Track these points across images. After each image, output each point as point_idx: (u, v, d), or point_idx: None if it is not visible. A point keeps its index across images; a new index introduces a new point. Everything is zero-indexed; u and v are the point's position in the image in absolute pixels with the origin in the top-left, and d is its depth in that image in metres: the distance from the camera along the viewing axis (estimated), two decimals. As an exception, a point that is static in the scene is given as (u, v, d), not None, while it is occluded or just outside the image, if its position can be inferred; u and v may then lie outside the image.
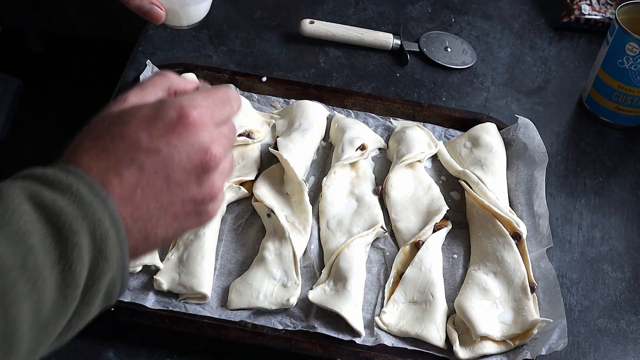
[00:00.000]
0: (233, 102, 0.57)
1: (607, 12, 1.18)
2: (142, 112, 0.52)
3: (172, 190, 0.51)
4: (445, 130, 1.00)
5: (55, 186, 0.47)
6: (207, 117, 0.53)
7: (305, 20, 1.13)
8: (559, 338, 0.75)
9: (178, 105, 0.52)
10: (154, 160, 0.50)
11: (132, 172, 0.50)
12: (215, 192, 0.55)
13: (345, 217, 0.87)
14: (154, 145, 0.50)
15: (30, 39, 2.21)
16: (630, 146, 1.04)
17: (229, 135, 0.56)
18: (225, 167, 0.56)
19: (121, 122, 0.52)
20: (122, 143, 0.50)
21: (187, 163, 0.52)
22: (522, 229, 0.85)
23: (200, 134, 0.52)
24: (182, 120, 0.51)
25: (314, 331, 0.76)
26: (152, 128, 0.51)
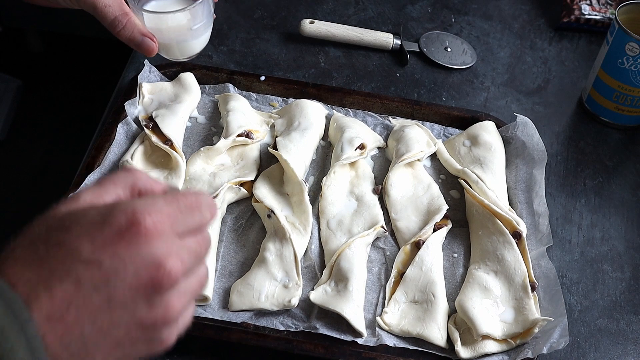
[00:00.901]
0: (204, 210, 0.49)
1: (607, 12, 1.18)
2: (88, 216, 0.44)
3: (114, 311, 0.43)
4: (444, 129, 1.00)
5: None
6: (164, 226, 0.45)
7: (305, 20, 1.13)
8: (560, 337, 0.75)
9: (131, 210, 0.44)
10: (93, 274, 0.42)
11: (66, 288, 0.42)
12: (171, 315, 0.46)
13: (345, 216, 0.87)
14: (95, 256, 0.43)
15: (30, 39, 2.21)
16: (630, 146, 1.04)
17: (197, 248, 0.48)
18: (190, 285, 0.47)
19: (62, 227, 0.44)
20: (59, 252, 0.43)
21: (134, 280, 0.43)
22: (522, 227, 0.85)
23: (154, 245, 0.44)
24: (133, 227, 0.43)
25: (315, 332, 0.76)
26: (97, 236, 0.43)
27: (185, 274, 0.46)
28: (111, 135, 0.93)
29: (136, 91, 0.98)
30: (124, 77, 1.06)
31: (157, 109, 0.95)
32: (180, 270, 0.45)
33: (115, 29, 0.82)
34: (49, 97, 2.12)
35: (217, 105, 1.00)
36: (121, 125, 0.93)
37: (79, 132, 1.29)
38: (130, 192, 0.49)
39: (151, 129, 0.93)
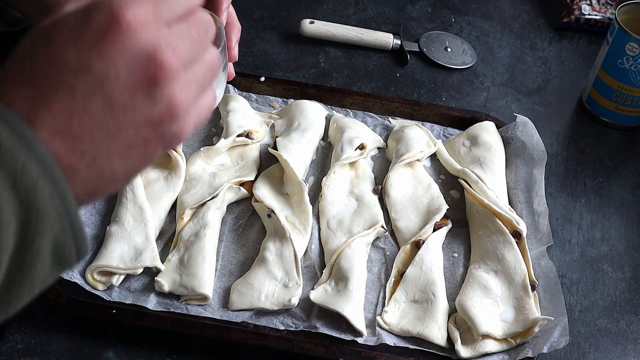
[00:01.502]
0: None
1: (607, 12, 1.18)
2: (67, 22, 0.42)
3: (116, 113, 0.42)
4: (444, 129, 1.00)
5: None
6: (147, 16, 0.42)
7: (305, 20, 1.13)
8: (560, 336, 0.75)
9: (108, 6, 0.42)
10: (86, 80, 0.41)
11: (63, 98, 0.41)
12: (177, 108, 0.44)
13: (345, 216, 0.87)
14: (82, 61, 0.41)
15: (29, 39, 2.21)
16: (630, 146, 1.04)
17: (191, 32, 0.45)
18: (195, 73, 0.45)
19: (46, 40, 0.42)
20: (47, 65, 0.41)
21: (128, 78, 0.42)
22: (522, 227, 0.85)
23: (139, 38, 0.42)
24: (114, 24, 0.41)
25: (315, 331, 0.77)
26: (80, 41, 0.41)
27: (185, 63, 0.44)
28: (111, 135, 0.92)
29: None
30: (124, 77, 1.05)
31: (157, 109, 0.94)
32: (176, 60, 0.43)
33: None
34: (49, 97, 2.12)
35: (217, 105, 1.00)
36: (121, 125, 0.93)
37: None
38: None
39: (151, 128, 0.92)
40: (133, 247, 0.80)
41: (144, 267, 0.80)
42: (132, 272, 0.79)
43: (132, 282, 0.80)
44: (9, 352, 0.75)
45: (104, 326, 0.77)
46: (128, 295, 0.79)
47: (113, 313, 0.75)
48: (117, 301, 0.78)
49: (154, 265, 0.80)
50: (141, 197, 0.84)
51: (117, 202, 0.85)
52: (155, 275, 0.80)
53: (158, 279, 0.79)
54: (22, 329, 0.76)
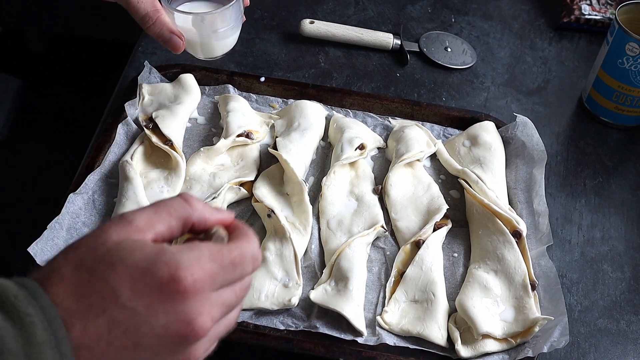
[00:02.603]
0: (247, 264, 0.50)
1: (607, 12, 1.18)
2: (134, 259, 0.45)
3: (139, 352, 0.45)
4: (444, 129, 1.00)
5: (9, 310, 0.42)
6: (204, 285, 0.46)
7: (305, 20, 1.13)
8: (560, 335, 0.75)
9: (174, 264, 0.45)
10: (127, 319, 0.44)
11: (99, 324, 0.44)
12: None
13: (345, 216, 0.87)
14: (132, 303, 0.44)
15: (30, 39, 2.21)
16: (630, 146, 1.04)
17: (232, 299, 0.49)
18: (216, 332, 0.49)
19: (108, 262, 0.45)
20: (101, 288, 0.44)
21: (163, 331, 0.45)
22: (522, 227, 0.85)
23: (189, 303, 0.45)
24: (172, 284, 0.45)
25: (315, 331, 0.77)
26: (138, 283, 0.45)
27: (213, 327, 0.48)
28: (111, 135, 0.93)
29: (136, 92, 0.98)
30: (124, 77, 1.06)
31: (157, 110, 0.95)
32: (209, 327, 0.47)
33: (145, 24, 0.84)
34: (49, 97, 2.12)
35: (217, 106, 1.00)
36: (121, 125, 0.93)
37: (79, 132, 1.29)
38: (183, 225, 0.50)
39: (151, 129, 0.93)
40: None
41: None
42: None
43: None
44: (9, 352, 0.75)
45: (104, 326, 0.77)
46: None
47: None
48: (117, 301, 0.77)
49: (154, 265, 0.80)
50: (141, 197, 0.84)
51: (117, 202, 0.85)
52: (155, 275, 0.80)
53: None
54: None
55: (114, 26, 2.05)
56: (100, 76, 1.81)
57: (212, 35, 0.89)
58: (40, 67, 2.21)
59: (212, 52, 0.92)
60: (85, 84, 2.12)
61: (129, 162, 0.88)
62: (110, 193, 0.88)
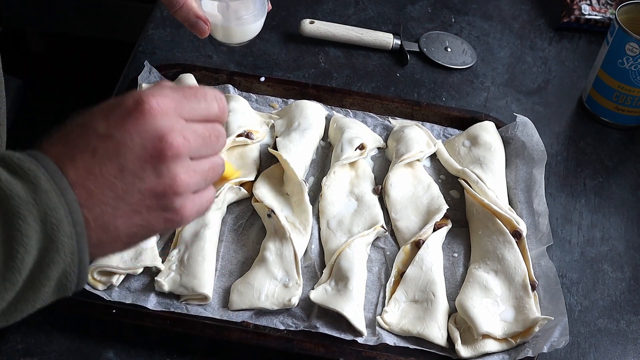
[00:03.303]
0: (211, 101, 0.55)
1: (607, 12, 1.18)
2: (107, 103, 0.52)
3: (126, 178, 0.50)
4: (444, 129, 1.00)
5: (16, 170, 0.48)
6: (168, 106, 0.51)
7: (305, 20, 1.13)
8: (560, 335, 0.75)
9: (138, 94, 0.51)
10: (106, 145, 0.50)
11: (85, 158, 0.49)
12: (179, 185, 0.52)
13: (345, 216, 0.87)
14: (107, 131, 0.50)
15: (30, 39, 2.21)
16: (630, 146, 1.04)
17: (204, 133, 0.53)
18: (200, 166, 0.53)
19: (85, 113, 0.52)
20: (80, 130, 0.51)
21: (141, 150, 0.50)
22: (522, 227, 0.85)
23: (158, 121, 0.50)
24: (138, 106, 0.50)
25: (315, 331, 0.77)
26: (110, 116, 0.51)
27: (191, 153, 0.52)
28: (111, 135, 0.93)
29: (136, 91, 0.98)
30: (124, 77, 1.06)
31: (157, 109, 0.95)
32: (184, 145, 0.51)
33: (172, 8, 0.87)
34: (49, 97, 2.12)
35: (217, 105, 1.00)
36: (121, 125, 0.93)
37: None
38: None
39: (151, 128, 0.93)
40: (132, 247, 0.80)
41: (144, 266, 0.80)
42: (132, 272, 0.79)
43: (132, 282, 0.80)
44: (9, 352, 0.75)
45: (103, 326, 0.77)
46: (128, 295, 0.79)
47: (113, 313, 0.75)
48: (117, 301, 0.78)
49: (154, 265, 0.80)
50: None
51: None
52: (155, 275, 0.80)
53: (158, 279, 0.79)
54: (22, 329, 0.76)
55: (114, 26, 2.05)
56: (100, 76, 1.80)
57: (236, 21, 0.92)
58: (40, 67, 2.21)
59: (235, 38, 0.94)
60: (85, 84, 2.12)
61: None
62: (110, 193, 0.88)
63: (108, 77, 1.37)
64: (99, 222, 0.50)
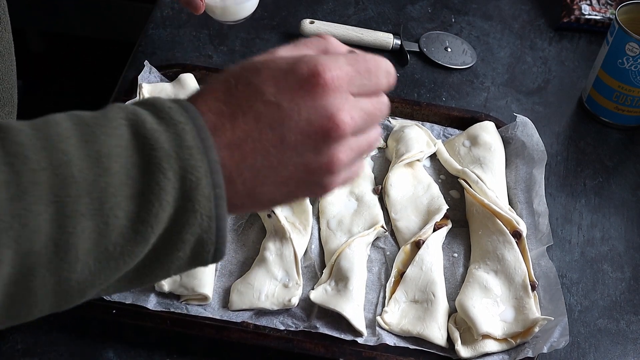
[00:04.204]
0: (381, 75, 0.52)
1: (607, 12, 1.18)
2: (277, 63, 0.49)
3: (284, 151, 0.48)
4: (444, 129, 1.00)
5: (164, 119, 0.46)
6: (342, 82, 0.49)
7: (305, 20, 1.13)
8: (560, 336, 0.75)
9: (314, 62, 0.48)
10: (272, 113, 0.47)
11: (247, 121, 0.47)
12: (335, 165, 0.50)
13: (345, 216, 0.87)
14: (276, 99, 0.48)
15: (30, 39, 2.21)
16: (630, 146, 1.04)
17: (370, 109, 0.52)
18: (359, 143, 0.52)
19: (253, 70, 0.49)
20: (246, 90, 0.48)
21: (306, 125, 0.48)
22: (522, 227, 0.85)
23: (329, 97, 0.48)
24: (312, 79, 0.48)
25: (315, 331, 0.77)
26: (281, 81, 0.48)
27: (354, 131, 0.50)
28: (111, 135, 0.92)
29: (136, 92, 0.98)
30: (124, 77, 1.06)
31: (157, 109, 0.94)
32: (350, 125, 0.49)
33: None
34: (49, 97, 2.12)
35: (217, 105, 1.00)
36: (121, 125, 0.93)
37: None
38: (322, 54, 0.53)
39: (151, 128, 0.93)
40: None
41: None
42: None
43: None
44: (9, 352, 0.75)
45: (103, 326, 0.77)
46: (128, 295, 0.78)
47: (113, 313, 0.75)
48: (117, 301, 0.78)
49: (154, 265, 0.80)
50: (141, 197, 0.84)
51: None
52: (155, 275, 0.80)
53: (158, 279, 0.79)
54: (22, 328, 0.76)
55: (114, 26, 2.05)
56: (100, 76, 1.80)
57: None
58: (40, 67, 2.21)
59: (230, 15, 0.96)
60: (85, 84, 2.12)
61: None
62: (110, 193, 0.88)
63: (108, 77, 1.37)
64: (246, 186, 0.48)
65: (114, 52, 1.80)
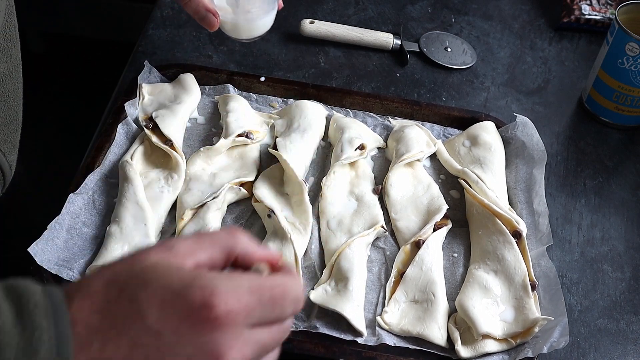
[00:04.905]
0: (288, 304, 0.46)
1: (607, 12, 1.18)
2: (168, 280, 0.43)
3: None
4: (444, 129, 1.00)
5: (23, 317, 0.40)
6: (238, 317, 0.43)
7: (305, 20, 1.13)
8: (560, 336, 0.75)
9: (209, 290, 0.42)
10: (150, 342, 0.42)
11: (120, 345, 0.42)
12: None
13: (345, 216, 0.87)
14: (158, 326, 0.42)
15: (31, 40, 2.21)
16: (630, 146, 1.04)
17: (267, 341, 0.45)
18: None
19: (141, 280, 0.43)
20: (127, 308, 0.42)
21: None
22: (522, 227, 0.85)
23: (219, 334, 0.42)
24: (204, 310, 0.42)
25: (315, 331, 0.77)
26: (167, 305, 0.42)
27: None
28: (111, 135, 0.93)
29: (136, 92, 0.98)
30: (124, 77, 1.06)
31: (157, 110, 0.95)
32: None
33: (182, 1, 0.86)
34: (49, 97, 2.12)
35: (217, 106, 1.00)
36: (121, 125, 0.93)
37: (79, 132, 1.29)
38: (226, 256, 0.48)
39: (151, 129, 0.93)
40: (133, 247, 0.80)
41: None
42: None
43: None
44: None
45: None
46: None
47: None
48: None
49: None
50: (141, 197, 0.84)
51: (117, 202, 0.85)
52: (155, 275, 0.80)
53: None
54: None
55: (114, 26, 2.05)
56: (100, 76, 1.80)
57: (245, 16, 0.91)
58: (40, 67, 2.21)
59: (244, 33, 0.95)
60: (85, 84, 2.12)
61: (129, 162, 0.88)
62: (110, 193, 0.88)
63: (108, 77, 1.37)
64: None
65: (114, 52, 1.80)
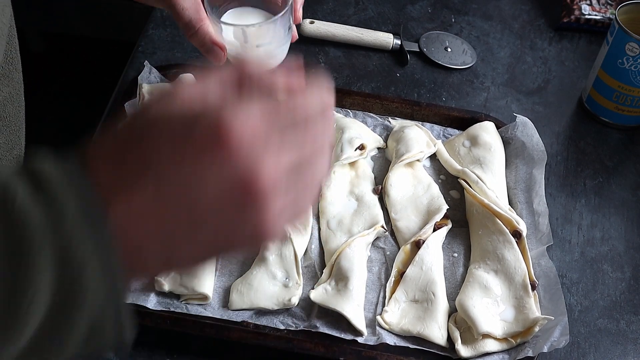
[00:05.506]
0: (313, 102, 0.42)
1: (607, 12, 1.18)
2: (173, 124, 0.39)
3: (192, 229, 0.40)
4: (444, 129, 1.00)
5: (42, 189, 0.37)
6: (256, 131, 0.38)
7: (305, 20, 1.13)
8: (560, 335, 0.75)
9: (216, 119, 0.38)
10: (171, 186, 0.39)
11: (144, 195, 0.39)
12: (261, 234, 0.40)
13: (345, 216, 0.87)
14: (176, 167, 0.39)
15: (30, 39, 2.21)
16: (630, 146, 1.04)
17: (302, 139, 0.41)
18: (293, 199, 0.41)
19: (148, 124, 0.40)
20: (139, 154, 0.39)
21: (215, 200, 0.39)
22: (522, 227, 0.85)
23: (242, 157, 0.38)
24: (217, 143, 0.38)
25: (316, 331, 0.77)
26: (178, 141, 0.39)
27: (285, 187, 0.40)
28: (111, 135, 0.92)
29: (136, 92, 0.98)
30: (124, 77, 1.06)
31: (158, 109, 0.94)
32: (275, 183, 0.39)
33: (187, 32, 0.80)
34: (49, 97, 2.13)
35: (217, 105, 1.00)
36: (121, 125, 0.93)
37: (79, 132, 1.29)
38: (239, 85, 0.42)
39: (151, 128, 0.92)
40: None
41: (144, 266, 0.79)
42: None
43: (132, 282, 0.80)
44: (9, 352, 0.75)
45: (104, 326, 0.77)
46: (128, 294, 0.78)
47: (113, 313, 0.75)
48: (117, 301, 0.77)
49: (154, 265, 0.79)
50: (141, 197, 0.84)
51: (117, 201, 0.85)
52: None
53: (158, 278, 0.79)
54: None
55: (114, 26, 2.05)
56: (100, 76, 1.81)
57: (255, 50, 0.83)
58: (40, 67, 2.21)
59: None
60: (85, 84, 2.12)
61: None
62: (110, 193, 0.88)
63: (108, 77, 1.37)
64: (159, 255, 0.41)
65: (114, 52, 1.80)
